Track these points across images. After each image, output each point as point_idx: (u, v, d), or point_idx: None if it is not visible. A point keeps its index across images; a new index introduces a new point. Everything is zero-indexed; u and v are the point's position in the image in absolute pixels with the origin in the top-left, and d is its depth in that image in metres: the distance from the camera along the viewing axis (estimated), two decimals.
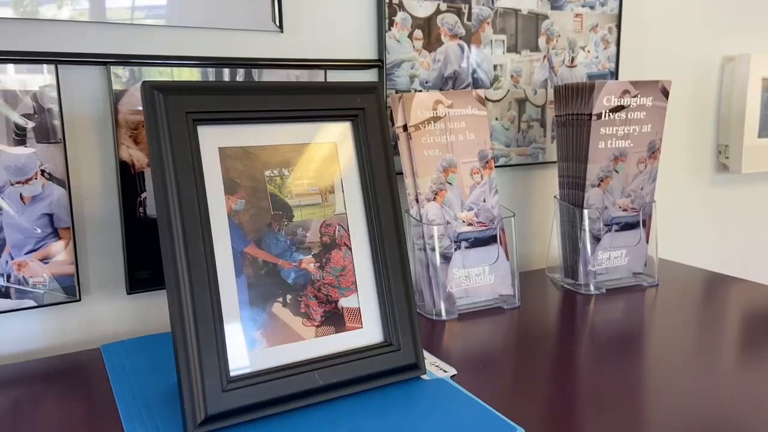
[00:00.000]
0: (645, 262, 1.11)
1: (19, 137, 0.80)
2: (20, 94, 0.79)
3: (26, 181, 0.81)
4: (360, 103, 0.76)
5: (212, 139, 0.68)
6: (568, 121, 1.06)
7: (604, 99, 1.01)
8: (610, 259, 1.08)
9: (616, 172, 1.05)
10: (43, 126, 0.81)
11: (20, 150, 0.80)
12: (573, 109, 1.04)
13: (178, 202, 0.64)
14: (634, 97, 1.03)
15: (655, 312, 0.97)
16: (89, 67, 0.84)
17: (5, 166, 0.79)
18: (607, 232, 1.07)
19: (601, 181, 1.04)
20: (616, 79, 1.27)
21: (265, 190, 0.70)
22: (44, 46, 0.81)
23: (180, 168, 0.64)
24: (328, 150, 0.75)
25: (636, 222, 1.09)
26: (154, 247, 0.89)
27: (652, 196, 1.10)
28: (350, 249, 0.74)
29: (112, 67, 0.84)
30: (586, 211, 1.04)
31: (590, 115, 1.01)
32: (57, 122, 0.82)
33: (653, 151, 1.07)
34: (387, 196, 0.75)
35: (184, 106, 0.65)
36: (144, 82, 0.64)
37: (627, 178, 1.06)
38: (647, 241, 1.10)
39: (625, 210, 1.08)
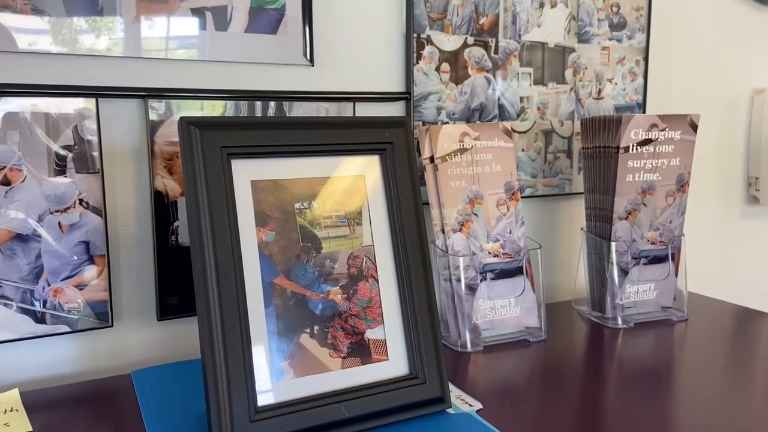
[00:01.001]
0: (674, 296, 1.10)
1: (60, 167, 0.83)
2: (62, 126, 0.82)
3: (65, 210, 0.83)
4: (388, 137, 0.77)
5: (245, 173, 0.70)
6: (595, 154, 1.06)
7: (632, 132, 1.01)
8: (638, 293, 1.07)
9: (644, 205, 1.05)
10: (83, 157, 0.84)
11: (60, 180, 0.83)
12: (600, 141, 1.05)
13: (212, 234, 0.65)
14: (662, 130, 1.03)
15: (685, 347, 0.96)
16: (127, 100, 0.87)
17: (45, 195, 0.82)
18: (635, 265, 1.06)
19: (629, 214, 1.04)
20: (644, 110, 1.27)
21: (294, 222, 0.72)
22: (85, 79, 0.84)
23: (214, 201, 0.66)
24: (356, 183, 0.76)
25: (665, 255, 1.08)
26: (184, 274, 0.91)
27: (680, 230, 1.09)
28: (377, 281, 0.74)
29: (149, 100, 0.87)
30: (613, 244, 1.04)
31: (618, 148, 1.01)
32: (96, 153, 0.85)
33: (682, 185, 1.07)
34: (414, 229, 0.76)
35: (219, 140, 0.68)
36: (181, 117, 0.67)
37: (655, 211, 1.06)
38: (676, 275, 1.09)
39: (653, 243, 1.07)
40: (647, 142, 1.02)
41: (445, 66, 1.08)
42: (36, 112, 0.81)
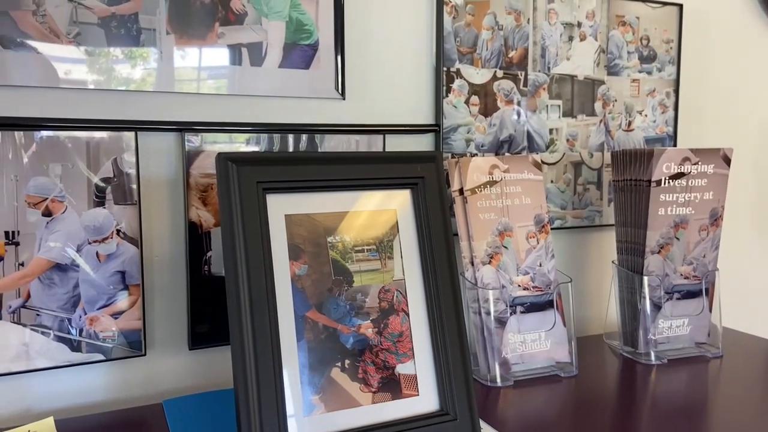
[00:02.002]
0: (708, 331, 1.08)
1: (99, 199, 0.85)
2: (102, 158, 0.85)
3: (103, 240, 0.85)
4: (420, 171, 0.78)
5: (279, 207, 0.71)
6: (626, 187, 1.06)
7: (664, 166, 1.00)
8: (671, 328, 1.05)
9: (677, 239, 1.03)
10: (121, 188, 0.86)
11: (99, 211, 0.85)
12: (631, 174, 1.04)
13: (246, 267, 0.66)
14: (694, 164, 1.02)
15: (719, 384, 0.93)
16: (165, 133, 0.90)
17: (84, 226, 0.84)
18: (668, 300, 1.04)
19: (662, 248, 1.03)
20: (675, 142, 1.27)
21: (327, 255, 0.73)
22: (125, 113, 0.87)
23: (249, 234, 0.68)
24: (388, 217, 0.77)
25: (698, 290, 1.06)
26: (216, 304, 0.92)
27: (714, 264, 1.07)
28: (408, 315, 0.75)
29: (186, 133, 0.90)
30: (646, 278, 1.02)
31: (649, 181, 1.00)
32: (134, 185, 0.87)
33: (715, 218, 1.05)
34: (445, 263, 0.76)
35: (255, 176, 0.69)
36: (219, 153, 0.68)
37: (688, 245, 1.04)
38: (710, 310, 1.07)
39: (686, 278, 1.05)
40: (680, 175, 1.01)
41: (475, 99, 1.09)
42: (78, 145, 0.83)
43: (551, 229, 1.04)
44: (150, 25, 0.87)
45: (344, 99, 1.00)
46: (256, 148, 0.94)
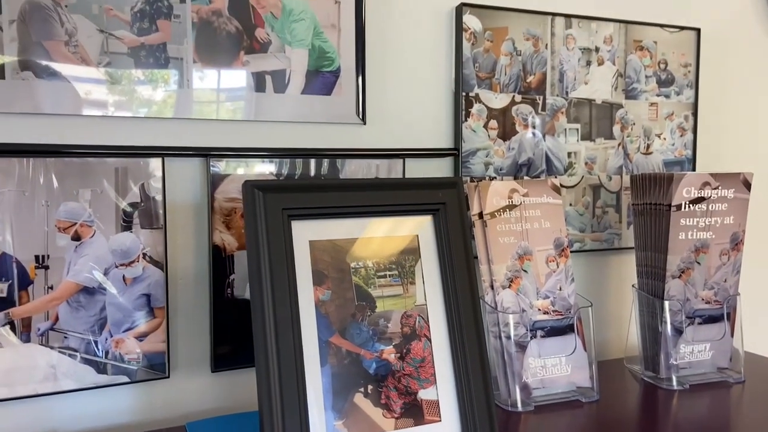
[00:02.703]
0: (730, 356, 1.07)
1: (126, 223, 0.87)
2: (130, 184, 0.87)
3: (129, 264, 0.87)
4: (441, 197, 0.79)
5: (304, 233, 0.72)
6: (645, 211, 1.06)
7: (684, 190, 1.00)
8: (693, 353, 1.04)
9: (698, 263, 1.03)
10: (148, 213, 0.88)
11: (126, 235, 0.87)
12: (651, 198, 1.04)
13: (272, 293, 0.68)
14: (714, 189, 1.02)
15: (742, 410, 0.93)
16: (191, 159, 0.92)
17: (112, 250, 0.86)
18: (689, 324, 1.04)
19: (682, 272, 1.02)
20: (694, 165, 1.27)
21: (350, 281, 0.74)
22: (152, 139, 0.89)
23: (274, 260, 0.69)
24: (410, 242, 0.78)
25: (720, 315, 1.05)
26: (239, 327, 0.94)
27: (736, 289, 1.07)
28: (430, 340, 0.75)
29: (211, 158, 0.91)
30: (666, 303, 1.02)
31: (669, 205, 1.00)
32: (160, 210, 0.89)
33: (736, 243, 1.05)
34: (466, 288, 0.77)
35: (280, 203, 0.70)
36: (246, 181, 0.70)
37: (709, 269, 1.04)
38: (732, 335, 1.06)
39: (708, 302, 1.05)
40: (700, 200, 1.02)
41: (493, 123, 1.10)
42: (107, 170, 0.85)
43: (570, 252, 1.04)
44: (177, 54, 0.89)
45: (365, 124, 1.02)
46: (274, 169, 0.95)
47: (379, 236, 0.76)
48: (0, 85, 0.80)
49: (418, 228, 0.78)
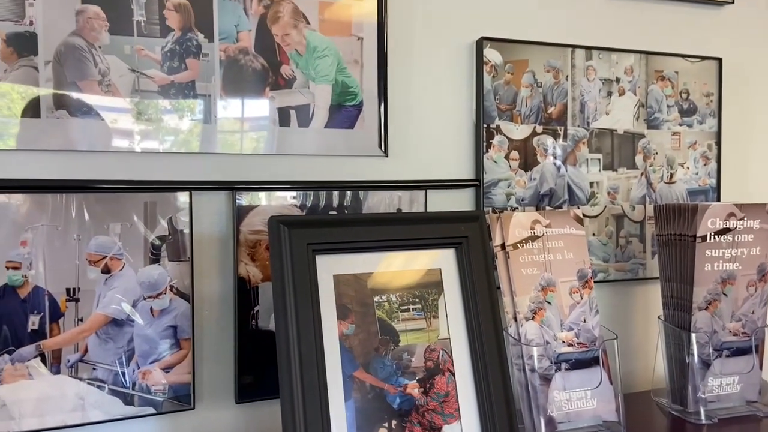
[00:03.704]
0: (759, 389, 1.05)
1: (154, 256, 0.89)
2: (159, 217, 0.89)
3: (157, 296, 0.89)
4: (464, 231, 0.80)
5: (328, 267, 0.73)
6: (670, 241, 1.05)
7: (708, 221, 1.00)
8: (721, 386, 1.02)
9: (725, 295, 1.02)
10: (175, 246, 0.90)
11: (154, 268, 0.89)
12: (675, 229, 1.04)
13: (296, 327, 0.68)
14: (740, 219, 1.01)
15: None
16: (217, 192, 0.94)
17: (140, 282, 0.88)
18: (717, 357, 1.02)
19: (709, 304, 1.01)
20: (718, 194, 1.25)
21: (373, 315, 0.74)
22: (181, 173, 0.91)
23: (299, 294, 0.70)
24: (433, 276, 0.78)
25: (748, 347, 1.04)
26: (263, 358, 0.94)
27: (764, 320, 1.05)
28: (453, 374, 0.75)
29: (236, 192, 0.93)
30: (693, 335, 1.01)
31: (694, 236, 1.00)
32: (187, 242, 0.90)
33: (763, 274, 1.04)
34: (489, 322, 0.77)
35: (305, 238, 0.72)
36: (272, 217, 0.71)
37: (736, 301, 1.03)
38: (761, 368, 1.04)
39: (735, 335, 1.03)
40: (725, 231, 1.01)
41: (515, 153, 1.11)
42: (137, 204, 0.88)
43: (594, 282, 1.03)
44: (206, 91, 0.92)
45: (387, 156, 1.03)
46: (298, 202, 0.96)
47: (402, 270, 0.77)
48: (35, 124, 0.83)
49: (441, 261, 0.79)
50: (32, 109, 0.83)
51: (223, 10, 0.92)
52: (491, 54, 1.08)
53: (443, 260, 0.79)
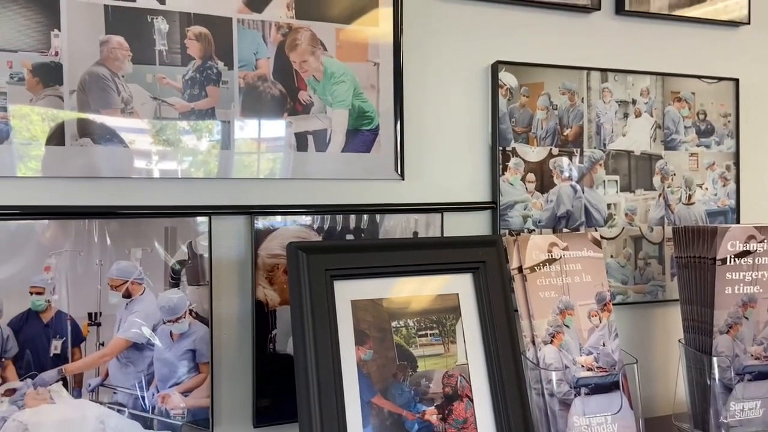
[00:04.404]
0: None
1: (174, 280, 0.90)
2: (179, 242, 0.90)
3: (176, 320, 0.90)
4: (481, 256, 0.80)
5: (346, 293, 0.74)
6: (689, 264, 1.04)
7: (728, 244, 0.99)
8: (743, 411, 1.01)
9: (746, 318, 1.01)
10: (194, 270, 0.91)
11: (174, 292, 0.90)
12: (694, 252, 1.03)
13: (315, 353, 0.69)
14: (760, 242, 1.00)
15: None
16: (236, 216, 0.95)
17: (160, 307, 0.89)
18: (739, 381, 1.00)
19: (730, 327, 1.00)
20: (738, 215, 1.24)
21: (391, 340, 0.74)
22: (200, 198, 0.93)
23: (318, 320, 0.70)
24: (450, 301, 0.78)
25: None
26: (280, 382, 0.94)
27: None
28: (472, 400, 0.75)
29: (254, 216, 0.94)
30: (715, 359, 0.99)
31: (714, 259, 0.99)
32: (207, 267, 0.91)
33: None
34: (508, 347, 0.77)
35: (323, 263, 0.72)
36: (290, 243, 0.72)
37: (758, 324, 1.01)
38: None
39: (757, 358, 1.01)
40: (745, 253, 1.00)
41: (531, 176, 1.11)
42: (158, 229, 0.89)
43: (613, 304, 1.03)
44: (225, 117, 0.93)
45: (403, 179, 1.04)
46: (315, 225, 0.97)
47: (419, 295, 0.77)
48: (60, 151, 0.85)
49: (459, 286, 0.79)
50: (57, 137, 0.85)
51: (242, 38, 0.93)
52: (506, 77, 1.09)
53: (461, 285, 0.79)
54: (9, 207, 0.84)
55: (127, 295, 0.87)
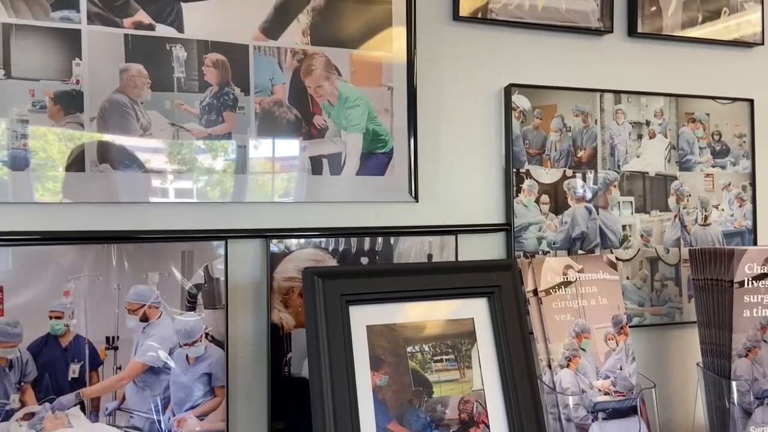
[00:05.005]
0: None
1: (191, 304, 0.91)
2: (196, 266, 0.91)
3: (192, 344, 0.90)
4: (496, 280, 0.80)
5: (361, 318, 0.74)
6: (707, 286, 1.03)
7: (746, 266, 0.98)
8: None
9: (765, 341, 0.99)
10: (211, 293, 0.92)
11: (190, 315, 0.90)
12: (711, 274, 1.02)
13: (330, 379, 0.69)
14: None
15: None
16: (252, 240, 0.96)
17: (177, 330, 0.90)
18: (758, 405, 0.99)
19: (749, 351, 0.99)
20: (755, 236, 1.23)
21: (406, 365, 0.74)
22: (216, 223, 0.94)
23: (333, 346, 0.70)
24: (466, 325, 0.78)
25: None
26: (295, 405, 0.94)
27: None
28: (488, 427, 0.74)
29: (270, 239, 0.95)
30: (734, 383, 0.98)
31: (731, 282, 0.98)
32: (222, 290, 0.92)
33: None
34: (524, 372, 0.76)
35: (338, 289, 0.73)
36: (306, 268, 0.73)
37: None
38: None
39: None
40: (763, 276, 0.99)
41: (545, 197, 1.11)
42: (175, 254, 0.90)
43: (630, 327, 1.02)
44: (242, 142, 0.94)
45: (417, 202, 1.04)
46: (330, 248, 0.97)
47: (434, 320, 0.77)
48: (80, 177, 0.87)
49: (474, 311, 0.79)
50: (77, 163, 0.87)
51: (258, 64, 0.95)
52: (519, 100, 1.10)
53: (476, 309, 0.79)
54: (29, 233, 0.85)
55: (144, 318, 0.88)
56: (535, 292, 0.97)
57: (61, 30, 0.86)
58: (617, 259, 1.12)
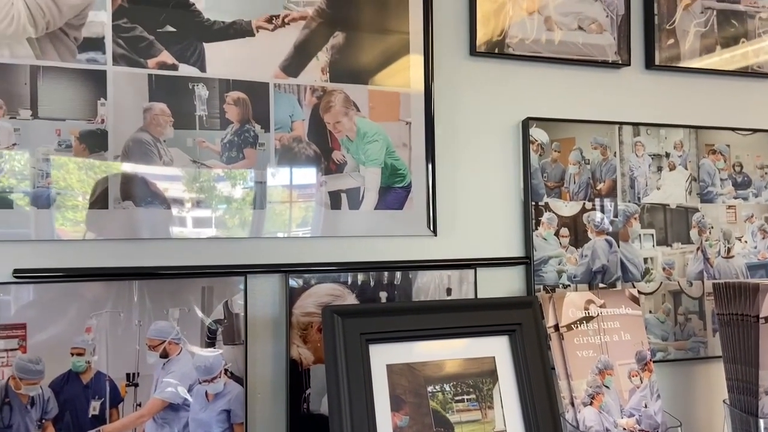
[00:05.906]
0: None
1: (210, 340, 0.91)
2: (215, 302, 0.91)
3: (212, 380, 0.90)
4: (517, 318, 0.79)
5: (381, 357, 0.73)
6: (732, 321, 1.01)
7: None
8: None
9: None
10: (230, 329, 0.92)
11: (210, 351, 0.90)
12: (736, 309, 1.00)
13: (350, 421, 0.68)
14: None
15: None
16: (270, 275, 0.96)
17: (196, 366, 0.90)
18: None
19: None
20: None
21: (427, 406, 0.73)
22: (236, 258, 0.94)
23: (353, 385, 0.70)
24: (487, 364, 0.77)
25: None
26: None
27: None
28: None
29: (289, 275, 0.95)
30: (761, 422, 0.95)
31: (757, 317, 0.96)
32: (242, 325, 0.92)
33: None
34: (546, 411, 0.75)
35: (358, 327, 0.72)
36: (325, 307, 0.72)
37: None
38: None
39: None
40: None
41: (564, 230, 1.10)
42: (195, 290, 0.90)
43: (654, 362, 1.00)
44: (261, 178, 0.95)
45: (436, 235, 1.04)
46: (349, 282, 0.97)
47: (455, 359, 0.76)
48: (103, 215, 0.88)
49: (495, 349, 0.78)
50: (101, 201, 0.88)
51: (278, 101, 0.96)
52: (537, 133, 1.10)
53: (497, 348, 0.78)
54: (52, 270, 0.86)
55: (165, 355, 0.88)
56: (557, 327, 0.96)
57: (87, 71, 0.88)
58: (639, 292, 1.10)
